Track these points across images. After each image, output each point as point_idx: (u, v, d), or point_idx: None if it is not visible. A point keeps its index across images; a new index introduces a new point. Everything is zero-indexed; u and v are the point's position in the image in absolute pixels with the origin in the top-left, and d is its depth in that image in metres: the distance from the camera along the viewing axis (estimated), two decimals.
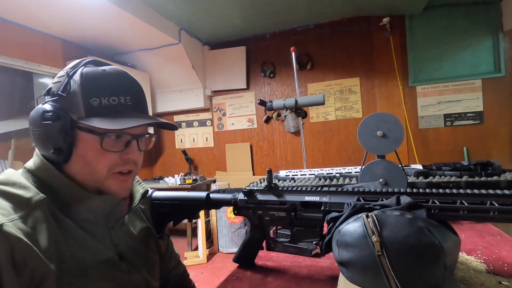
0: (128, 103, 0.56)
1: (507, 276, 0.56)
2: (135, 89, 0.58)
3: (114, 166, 0.56)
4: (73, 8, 2.36)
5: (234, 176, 3.82)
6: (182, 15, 3.02)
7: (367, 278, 0.41)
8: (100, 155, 0.54)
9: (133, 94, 0.57)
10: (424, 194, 0.48)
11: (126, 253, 0.61)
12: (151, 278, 0.66)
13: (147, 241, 0.69)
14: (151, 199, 0.78)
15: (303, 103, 1.80)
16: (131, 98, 0.56)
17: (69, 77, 0.54)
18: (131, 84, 0.58)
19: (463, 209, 0.44)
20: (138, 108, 0.57)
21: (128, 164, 0.58)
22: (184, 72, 3.66)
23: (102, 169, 0.55)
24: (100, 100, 0.53)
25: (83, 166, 0.55)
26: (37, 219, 0.48)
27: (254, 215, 0.66)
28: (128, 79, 0.58)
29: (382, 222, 0.40)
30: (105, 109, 0.53)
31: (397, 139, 0.86)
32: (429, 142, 3.19)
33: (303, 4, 2.95)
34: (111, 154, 0.55)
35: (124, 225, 0.64)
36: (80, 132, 0.53)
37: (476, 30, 2.98)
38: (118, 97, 0.55)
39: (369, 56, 3.30)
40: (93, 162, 0.54)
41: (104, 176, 0.55)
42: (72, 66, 0.56)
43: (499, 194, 0.43)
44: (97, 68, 0.56)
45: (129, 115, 0.55)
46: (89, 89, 0.53)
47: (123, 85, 0.56)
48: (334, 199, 0.56)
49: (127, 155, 0.57)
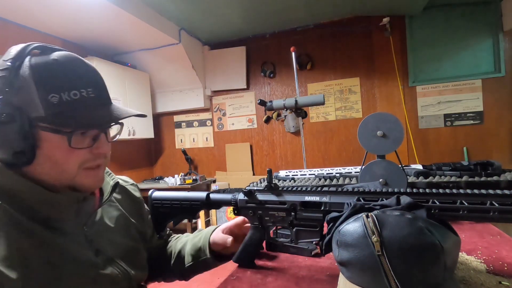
0: (91, 95, 0.51)
1: (507, 276, 0.56)
2: (95, 77, 0.54)
3: (85, 162, 0.53)
4: (73, 8, 2.36)
5: (234, 176, 3.82)
6: (182, 15, 3.02)
7: (367, 278, 0.41)
8: (68, 153, 0.51)
9: (94, 84, 0.53)
10: (424, 194, 0.48)
11: (103, 248, 0.59)
12: (133, 268, 0.65)
13: (125, 231, 0.67)
14: (151, 199, 0.78)
15: (303, 103, 1.80)
16: (93, 89, 0.52)
17: (16, 70, 0.47)
18: (90, 72, 0.53)
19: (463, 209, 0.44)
20: (101, 99, 0.54)
21: (99, 159, 0.55)
22: (184, 72, 3.66)
23: (72, 168, 0.52)
24: (59, 96, 0.48)
25: (51, 166, 0.51)
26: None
27: (254, 215, 0.67)
28: (86, 68, 0.53)
29: (382, 222, 0.40)
30: (66, 105, 0.49)
31: (397, 139, 0.86)
32: (429, 142, 3.19)
33: (303, 4, 2.95)
34: (80, 151, 0.52)
35: (98, 220, 0.62)
36: (42, 132, 0.49)
37: (476, 30, 2.98)
38: (79, 90, 0.50)
39: (369, 56, 3.30)
40: (61, 161, 0.51)
41: (74, 173, 0.53)
42: (16, 56, 0.48)
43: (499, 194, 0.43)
44: (47, 57, 0.50)
45: (94, 108, 0.52)
46: (45, 84, 0.48)
47: (82, 76, 0.52)
48: (334, 199, 0.56)
49: (97, 150, 0.54)
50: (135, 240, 0.69)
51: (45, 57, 0.50)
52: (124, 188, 0.75)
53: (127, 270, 0.63)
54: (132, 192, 0.77)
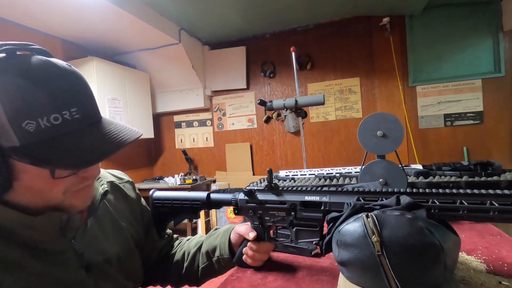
0: (75, 117, 0.43)
1: (507, 276, 0.56)
2: (78, 92, 0.44)
3: (71, 187, 0.47)
4: (73, 8, 2.36)
5: (234, 176, 3.82)
6: (182, 15, 3.02)
7: (367, 278, 0.41)
8: (51, 183, 0.44)
9: (78, 99, 0.44)
10: (424, 194, 0.48)
11: (94, 261, 0.55)
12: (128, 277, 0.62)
13: (118, 236, 0.63)
14: (151, 199, 0.78)
15: (303, 103, 1.80)
16: (78, 108, 0.43)
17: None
18: (72, 86, 0.44)
19: (463, 209, 0.44)
20: (88, 118, 0.45)
21: (87, 180, 0.49)
22: (184, 72, 3.66)
23: (56, 195, 0.46)
24: (36, 123, 0.40)
25: (32, 196, 0.45)
26: None
27: (254, 215, 0.67)
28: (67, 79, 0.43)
29: (382, 222, 0.40)
30: (46, 133, 0.41)
31: (397, 139, 0.86)
32: (429, 142, 3.19)
33: (303, 4, 2.95)
34: (65, 179, 0.45)
35: (88, 229, 0.57)
36: (18, 163, 0.42)
37: (476, 30, 2.98)
38: (60, 113, 0.41)
39: (369, 56, 3.30)
40: (44, 191, 0.45)
41: (60, 200, 0.47)
42: None
43: (499, 194, 0.43)
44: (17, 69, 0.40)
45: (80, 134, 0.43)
46: (16, 110, 0.39)
47: (63, 91, 0.42)
48: (334, 199, 0.56)
49: (84, 173, 0.47)
50: (128, 247, 0.65)
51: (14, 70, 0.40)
52: (118, 187, 0.71)
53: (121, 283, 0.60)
54: (126, 191, 0.72)
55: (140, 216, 0.74)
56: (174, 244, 0.84)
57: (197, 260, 0.76)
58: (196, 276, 0.75)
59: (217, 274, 0.75)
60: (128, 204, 0.71)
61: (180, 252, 0.80)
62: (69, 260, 0.51)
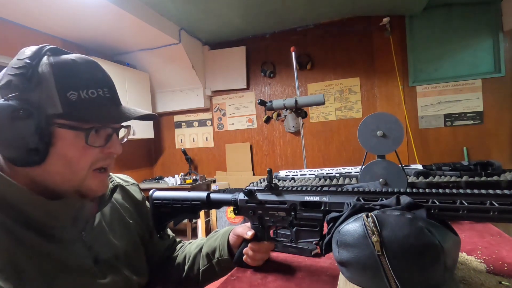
0: (107, 95, 0.53)
1: (507, 276, 0.56)
2: (109, 80, 0.56)
3: (96, 162, 0.53)
4: (73, 8, 2.36)
5: (234, 176, 3.82)
6: (182, 15, 3.02)
7: (367, 278, 0.41)
8: (82, 152, 0.51)
9: (109, 85, 0.54)
10: (424, 194, 0.48)
11: (102, 254, 0.58)
12: (134, 273, 0.64)
13: (125, 234, 0.67)
14: (151, 199, 0.78)
15: (303, 103, 1.80)
16: (109, 90, 0.53)
17: (34, 67, 0.48)
18: (105, 74, 0.55)
19: (463, 209, 0.44)
20: (115, 100, 0.55)
21: (109, 158, 0.56)
22: (184, 72, 3.66)
23: (84, 167, 0.52)
24: (78, 93, 0.49)
25: (63, 165, 0.50)
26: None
27: (254, 215, 0.66)
28: (101, 70, 0.55)
29: (382, 222, 0.40)
30: (84, 103, 0.49)
31: (397, 139, 0.86)
32: (429, 142, 3.19)
33: (303, 4, 2.95)
34: (93, 150, 0.52)
35: (97, 224, 0.61)
36: (58, 129, 0.49)
37: (476, 30, 2.98)
38: (96, 90, 0.51)
39: (369, 56, 3.30)
40: (74, 160, 0.50)
41: (84, 174, 0.52)
42: (32, 55, 0.49)
43: (499, 194, 0.43)
44: (65, 57, 0.51)
45: (109, 108, 0.53)
46: (64, 82, 0.48)
47: (99, 77, 0.53)
48: (334, 199, 0.56)
49: (109, 149, 0.54)
50: (135, 244, 0.69)
51: (63, 57, 0.51)
52: (124, 188, 0.75)
53: (128, 277, 0.62)
54: (132, 193, 0.76)
55: (145, 217, 0.76)
56: (177, 248, 0.85)
57: (197, 263, 0.76)
58: (197, 279, 0.76)
59: (217, 277, 0.75)
60: (134, 204, 0.75)
61: (181, 255, 0.81)
62: (78, 250, 0.54)
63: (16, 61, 0.49)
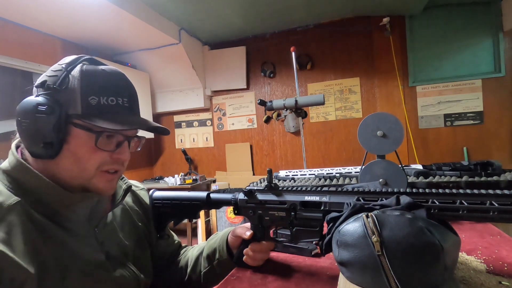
0: (125, 105, 0.57)
1: (507, 276, 0.56)
2: (131, 91, 0.60)
3: (103, 165, 0.57)
4: (73, 8, 2.36)
5: (234, 176, 3.82)
6: (182, 15, 3.02)
7: (367, 278, 0.41)
8: (91, 153, 0.55)
9: (130, 96, 0.59)
10: (424, 194, 0.48)
11: (113, 251, 0.61)
12: (142, 272, 0.66)
13: (134, 235, 0.70)
14: (151, 199, 0.78)
15: (303, 103, 1.80)
16: (128, 100, 0.58)
17: (68, 72, 0.54)
18: (129, 86, 0.60)
19: (463, 209, 0.44)
20: (133, 110, 0.59)
21: (117, 164, 0.59)
22: (184, 72, 3.66)
23: (91, 167, 0.55)
24: (98, 99, 0.53)
25: (72, 162, 0.54)
26: (11, 223, 0.47)
27: (254, 215, 0.66)
28: (126, 81, 0.60)
29: (382, 222, 0.40)
30: (102, 109, 0.54)
31: (397, 139, 0.86)
32: (429, 142, 3.19)
33: (303, 4, 2.95)
34: (102, 153, 0.56)
35: (109, 222, 0.65)
36: (74, 129, 0.53)
37: (476, 30, 2.98)
38: (116, 98, 0.55)
39: (369, 56, 3.30)
40: (83, 159, 0.54)
41: (92, 174, 0.56)
42: (70, 62, 0.55)
43: (499, 194, 0.43)
44: (96, 66, 0.56)
45: (125, 116, 0.56)
46: (89, 87, 0.53)
47: (122, 87, 0.58)
48: (334, 199, 0.56)
49: (117, 155, 0.58)
50: (142, 245, 0.72)
51: (95, 66, 0.56)
52: (135, 193, 0.78)
53: (136, 274, 0.64)
54: (142, 197, 0.79)
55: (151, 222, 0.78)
56: (180, 252, 0.86)
57: (199, 265, 0.77)
58: (199, 281, 0.77)
59: (219, 278, 0.74)
60: (143, 208, 0.78)
61: (184, 259, 0.82)
62: (92, 244, 0.58)
63: (56, 66, 0.55)
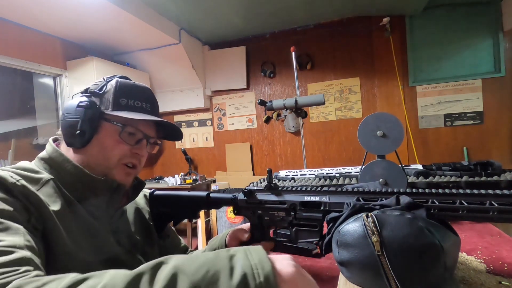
0: (148, 109, 0.70)
1: (507, 276, 0.56)
2: (153, 100, 0.73)
3: (124, 157, 0.66)
4: (73, 8, 2.36)
5: (234, 176, 3.82)
6: (182, 15, 3.02)
7: (367, 278, 0.41)
8: (115, 144, 0.65)
9: (152, 104, 0.72)
10: (423, 194, 0.48)
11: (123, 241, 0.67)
12: None
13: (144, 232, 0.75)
14: (151, 199, 0.79)
15: (303, 103, 1.80)
16: (150, 105, 0.71)
17: (106, 82, 0.68)
18: (152, 96, 0.73)
19: (463, 209, 0.44)
20: (153, 112, 0.71)
21: (135, 158, 0.68)
22: (184, 72, 3.66)
23: (114, 157, 0.65)
24: (127, 101, 0.67)
25: (99, 150, 0.64)
26: (48, 192, 0.57)
27: (254, 215, 0.66)
28: (151, 94, 0.73)
29: (382, 222, 0.40)
30: (129, 108, 0.66)
31: (397, 139, 0.86)
32: (429, 142, 3.19)
33: (303, 4, 2.95)
34: (124, 145, 0.65)
35: (123, 216, 0.72)
36: (104, 122, 0.64)
37: (476, 30, 2.98)
38: (141, 102, 0.69)
39: (369, 56, 3.30)
40: (108, 148, 0.64)
41: (114, 163, 0.65)
42: (109, 76, 0.70)
43: (499, 194, 0.43)
44: (129, 80, 0.71)
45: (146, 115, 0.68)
46: (120, 91, 0.67)
47: (146, 95, 0.71)
48: (334, 199, 0.56)
49: (136, 150, 0.67)
50: (152, 242, 0.75)
51: (128, 80, 0.71)
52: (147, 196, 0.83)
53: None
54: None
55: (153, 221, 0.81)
56: None
57: None
58: None
59: None
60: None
61: None
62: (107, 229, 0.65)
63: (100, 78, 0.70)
